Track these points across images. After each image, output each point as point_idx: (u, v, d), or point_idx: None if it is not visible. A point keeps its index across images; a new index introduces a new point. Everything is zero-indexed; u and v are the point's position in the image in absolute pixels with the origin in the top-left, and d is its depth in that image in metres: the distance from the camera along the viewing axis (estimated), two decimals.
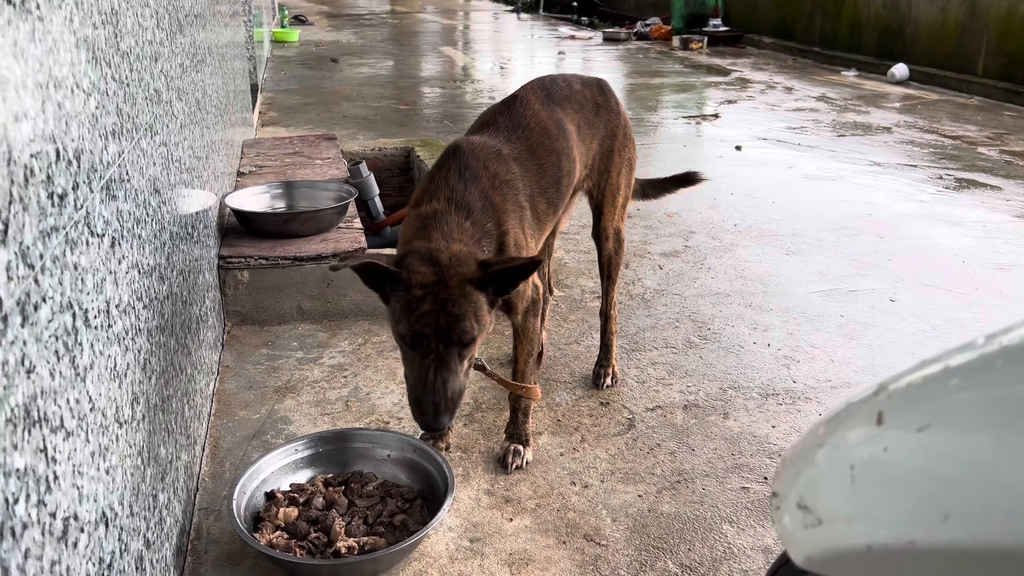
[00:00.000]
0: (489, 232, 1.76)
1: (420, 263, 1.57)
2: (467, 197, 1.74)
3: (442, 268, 1.56)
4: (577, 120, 2.17)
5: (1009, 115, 6.67)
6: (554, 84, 2.20)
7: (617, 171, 2.32)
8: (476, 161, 1.81)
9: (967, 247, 3.61)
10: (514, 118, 2.02)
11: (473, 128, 2.06)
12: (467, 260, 1.58)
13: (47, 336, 0.93)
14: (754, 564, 1.74)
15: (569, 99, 2.19)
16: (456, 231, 1.67)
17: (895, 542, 0.62)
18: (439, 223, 1.67)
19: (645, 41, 11.99)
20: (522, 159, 1.94)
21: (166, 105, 1.91)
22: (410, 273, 1.56)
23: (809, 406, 2.35)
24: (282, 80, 8.19)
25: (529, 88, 2.15)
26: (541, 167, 1.98)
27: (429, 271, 1.56)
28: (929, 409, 0.64)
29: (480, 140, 1.91)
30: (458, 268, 1.56)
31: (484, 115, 2.09)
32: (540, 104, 2.08)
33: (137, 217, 1.48)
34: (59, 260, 0.99)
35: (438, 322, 1.54)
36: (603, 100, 2.31)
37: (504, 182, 1.84)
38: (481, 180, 1.79)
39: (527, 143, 1.98)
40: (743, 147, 5.44)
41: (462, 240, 1.65)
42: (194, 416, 1.95)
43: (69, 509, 0.96)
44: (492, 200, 1.78)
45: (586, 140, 2.20)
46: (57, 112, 1.04)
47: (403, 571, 1.69)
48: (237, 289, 2.77)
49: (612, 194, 2.33)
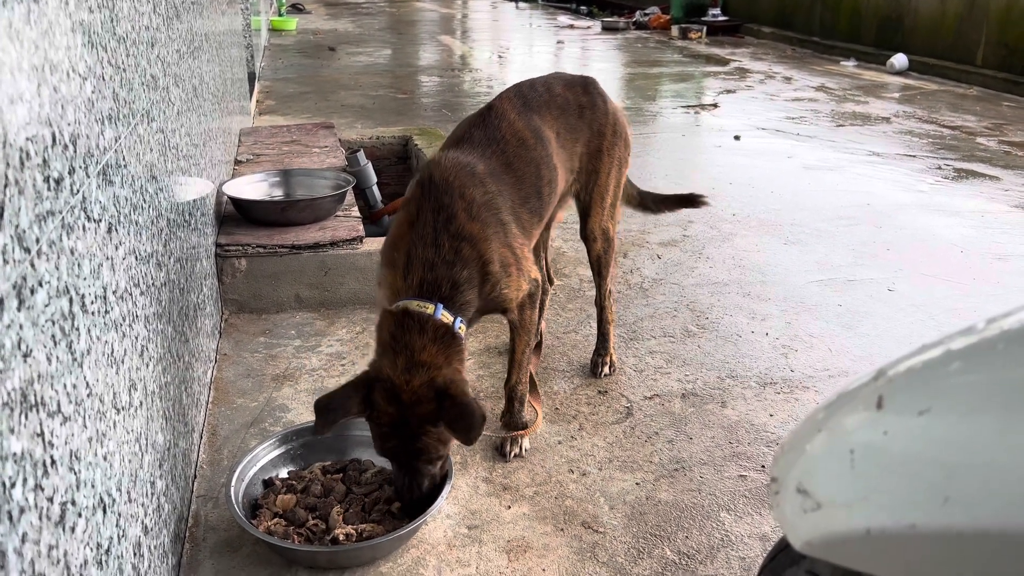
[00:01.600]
0: (471, 275, 1.77)
1: (385, 402, 1.63)
2: (437, 264, 1.73)
3: (403, 408, 1.63)
4: (557, 126, 2.12)
5: (1008, 105, 6.66)
6: (532, 90, 2.15)
7: (606, 172, 2.27)
8: (450, 195, 1.78)
9: (965, 237, 3.61)
10: (489, 131, 1.98)
11: (449, 142, 2.01)
12: (426, 396, 1.62)
13: (44, 320, 0.93)
14: (751, 551, 1.75)
15: (548, 104, 2.13)
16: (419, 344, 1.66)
17: (894, 526, 0.62)
18: (405, 336, 1.67)
19: (644, 30, 11.95)
20: (498, 173, 1.91)
21: (163, 91, 1.90)
22: (377, 413, 1.65)
23: (807, 395, 2.35)
24: (279, 68, 8.15)
25: (505, 97, 2.10)
26: (519, 179, 1.95)
27: (393, 411, 1.63)
28: (929, 393, 0.63)
29: (454, 161, 1.86)
30: (417, 409, 1.62)
31: (460, 128, 2.05)
32: (516, 114, 2.04)
33: (134, 203, 1.47)
34: (56, 245, 0.99)
35: (403, 452, 1.66)
36: (587, 100, 2.24)
37: (482, 205, 1.82)
38: (457, 216, 1.77)
39: (503, 157, 1.94)
40: (742, 137, 5.43)
41: (426, 358, 1.65)
42: (192, 404, 1.95)
43: (67, 494, 0.96)
44: (470, 234, 1.77)
45: (567, 145, 2.16)
46: (53, 96, 1.03)
47: (401, 558, 1.70)
48: (235, 277, 2.76)
49: (600, 195, 2.29)
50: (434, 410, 1.61)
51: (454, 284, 1.74)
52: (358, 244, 2.85)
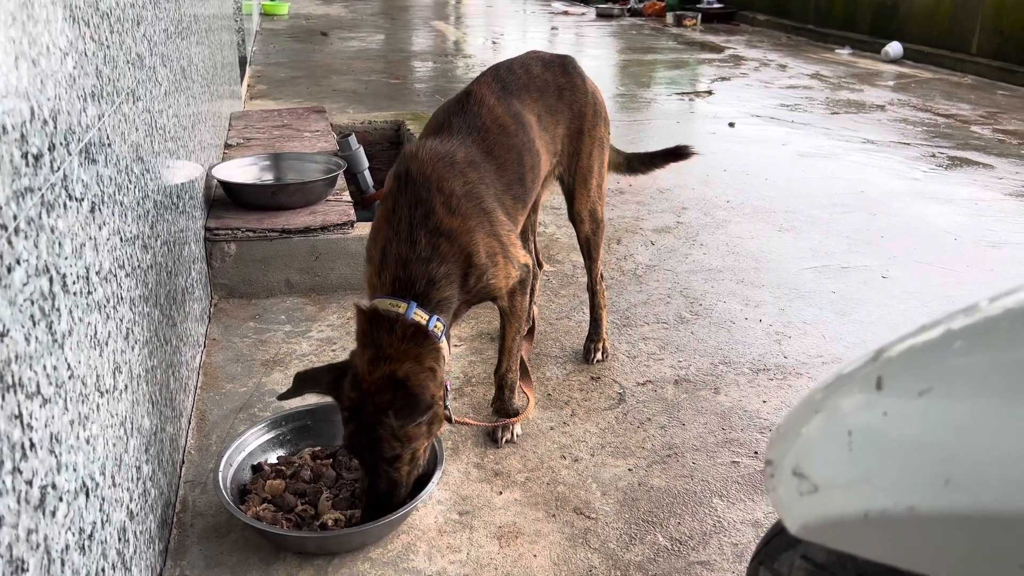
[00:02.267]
0: (450, 271, 1.74)
1: (349, 387, 1.63)
2: (411, 261, 1.71)
3: (362, 395, 1.61)
4: (537, 109, 2.08)
5: (1002, 94, 6.65)
6: (510, 73, 2.10)
7: (588, 153, 2.24)
8: (428, 190, 1.75)
9: (959, 225, 3.60)
10: (468, 119, 1.93)
11: (428, 130, 1.97)
12: (384, 387, 1.60)
13: (22, 300, 0.90)
14: (744, 537, 1.74)
15: (527, 87, 2.09)
16: (387, 340, 1.64)
17: (894, 508, 0.60)
18: (374, 332, 1.65)
19: (639, 17, 11.89)
20: (479, 162, 1.87)
21: (149, 71, 1.87)
22: (342, 396, 1.65)
23: (800, 381, 2.34)
24: (271, 53, 8.08)
25: (483, 81, 2.05)
26: (501, 167, 1.92)
27: (355, 396, 1.62)
28: (930, 373, 0.62)
29: (432, 151, 1.82)
30: (375, 397, 1.60)
31: (438, 115, 2.01)
32: (495, 99, 2.00)
33: (119, 183, 1.44)
34: (34, 222, 0.96)
35: (361, 441, 1.63)
36: (566, 81, 2.20)
37: (462, 196, 1.78)
38: (435, 212, 1.73)
39: (484, 144, 1.90)
40: (736, 124, 5.41)
41: (392, 352, 1.64)
42: (180, 388, 1.92)
43: (47, 477, 0.94)
44: (449, 229, 1.74)
45: (549, 128, 2.12)
46: (32, 70, 1.00)
47: (391, 544, 1.68)
48: (224, 261, 2.73)
49: (584, 177, 2.25)
50: (388, 400, 1.59)
51: (430, 281, 1.71)
52: (349, 229, 2.82)
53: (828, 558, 0.78)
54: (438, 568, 1.62)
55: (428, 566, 1.63)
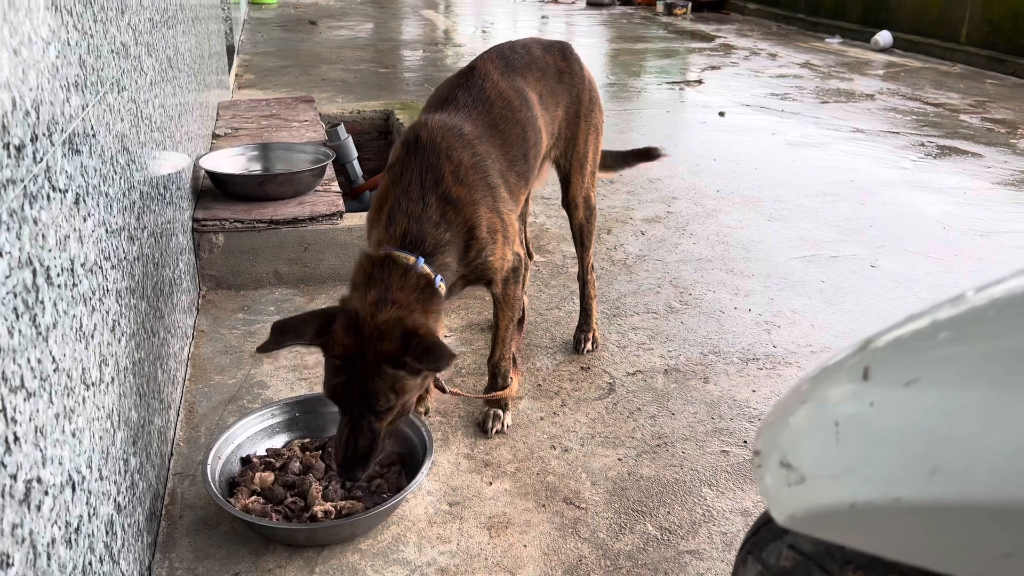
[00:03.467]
0: (453, 239, 1.71)
1: (344, 332, 1.52)
2: (423, 220, 1.68)
3: (362, 342, 1.51)
4: (539, 88, 2.10)
5: (991, 83, 6.67)
6: (513, 52, 2.12)
7: (584, 138, 2.26)
8: (437, 157, 1.73)
9: (948, 213, 3.61)
10: (473, 92, 1.93)
11: (432, 104, 1.97)
12: (390, 334, 1.51)
13: (4, 292, 0.89)
14: (733, 527, 1.74)
15: (529, 67, 2.10)
16: (397, 284, 1.59)
17: (880, 499, 0.60)
18: (382, 274, 1.59)
19: (629, 6, 11.85)
20: (486, 136, 1.87)
21: (134, 60, 1.85)
22: (333, 342, 1.53)
23: (789, 371, 2.35)
24: (259, 42, 8.02)
25: (487, 58, 2.06)
26: (506, 141, 1.92)
27: (350, 342, 1.52)
28: (917, 363, 0.62)
29: (441, 122, 1.81)
30: (377, 344, 1.51)
31: (442, 89, 2.00)
32: (499, 75, 2.00)
33: (104, 174, 1.43)
34: (16, 214, 0.95)
35: (352, 393, 1.53)
36: (566, 65, 2.23)
37: (470, 167, 1.78)
38: (444, 179, 1.72)
39: (489, 117, 1.91)
40: (726, 113, 5.40)
41: (401, 297, 1.57)
42: (168, 380, 1.91)
43: (32, 471, 0.93)
44: (457, 198, 1.72)
45: (550, 108, 2.13)
46: (13, 59, 0.99)
47: (381, 535, 1.68)
48: (212, 252, 2.72)
49: (580, 162, 2.27)
50: (397, 349, 1.50)
51: (437, 243, 1.70)
52: (338, 219, 2.81)
53: (815, 548, 0.79)
54: (428, 559, 1.62)
55: (418, 557, 1.63)
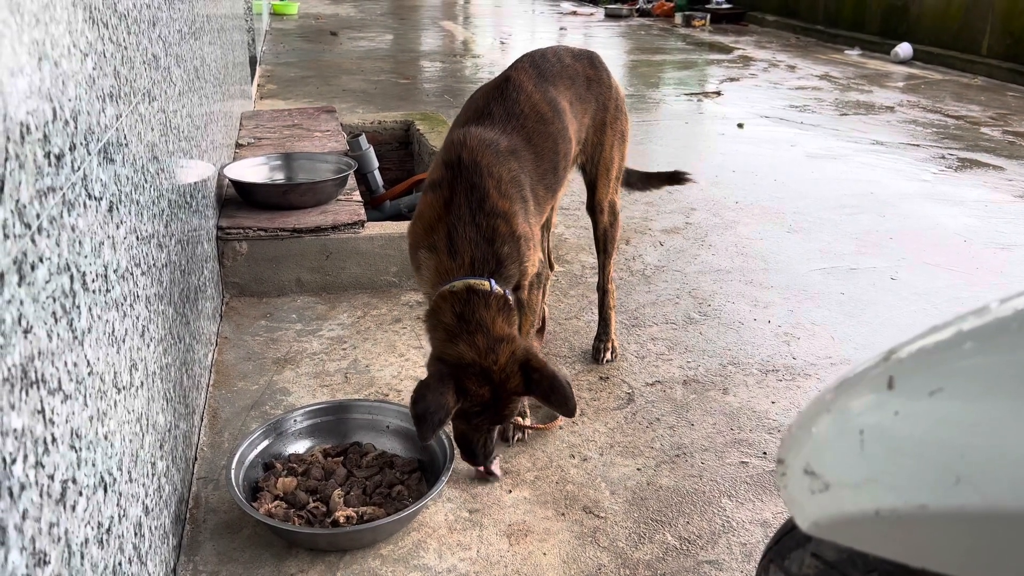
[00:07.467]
0: (511, 251, 1.78)
1: (479, 388, 1.65)
2: (481, 241, 1.74)
3: (494, 387, 1.66)
4: (569, 96, 2.14)
5: (1013, 95, 6.63)
6: (544, 60, 2.15)
7: (610, 144, 2.30)
8: (479, 175, 1.78)
9: (969, 226, 3.59)
10: (508, 105, 1.97)
11: (467, 116, 1.99)
12: (514, 372, 1.67)
13: (44, 297, 0.92)
14: (752, 537, 1.74)
15: (560, 75, 2.14)
16: (489, 318, 1.69)
17: (904, 507, 0.61)
18: (473, 312, 1.68)
19: (647, 18, 11.89)
20: (520, 151, 1.91)
21: (164, 71, 1.89)
22: (471, 398, 1.66)
23: (809, 382, 2.34)
24: (281, 53, 8.11)
25: (520, 67, 2.09)
26: (538, 155, 1.96)
27: (486, 392, 1.66)
28: (941, 373, 0.63)
29: (479, 137, 1.85)
30: (507, 385, 1.67)
31: (477, 101, 2.03)
32: (533, 85, 2.03)
33: (135, 183, 1.46)
34: (56, 221, 0.98)
35: (491, 426, 1.75)
36: (594, 73, 2.27)
37: (508, 182, 1.83)
38: (490, 195, 1.77)
39: (524, 132, 1.94)
40: (745, 125, 5.41)
41: (501, 329, 1.69)
42: (192, 386, 1.94)
43: (67, 472, 0.96)
44: (503, 211, 1.78)
45: (579, 116, 2.17)
46: (54, 71, 1.02)
47: (402, 540, 1.70)
48: (236, 260, 2.75)
49: (606, 167, 2.31)
50: (521, 383, 1.66)
51: (499, 259, 1.76)
52: (360, 228, 2.84)
53: (838, 556, 0.79)
54: (448, 565, 1.64)
55: (438, 563, 1.64)
